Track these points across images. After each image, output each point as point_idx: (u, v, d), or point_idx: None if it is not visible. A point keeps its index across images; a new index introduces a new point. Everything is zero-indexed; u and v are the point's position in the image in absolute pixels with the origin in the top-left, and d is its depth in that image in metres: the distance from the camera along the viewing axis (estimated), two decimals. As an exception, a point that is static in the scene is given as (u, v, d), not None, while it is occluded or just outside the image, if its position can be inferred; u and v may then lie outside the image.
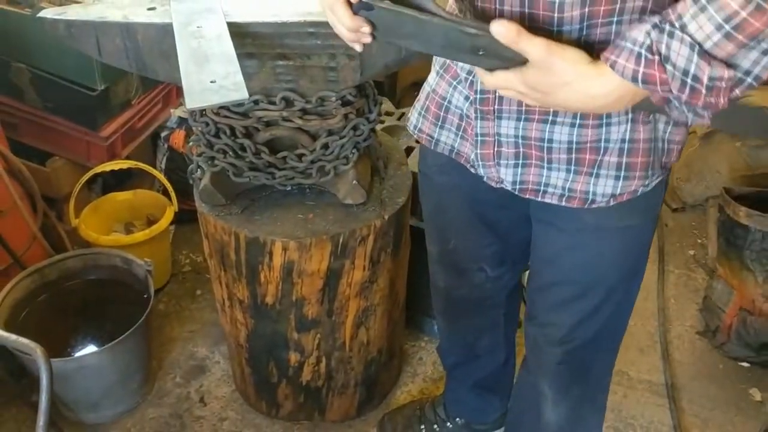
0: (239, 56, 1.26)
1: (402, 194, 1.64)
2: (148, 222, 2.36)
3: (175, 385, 2.05)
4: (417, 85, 2.45)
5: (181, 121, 2.43)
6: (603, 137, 1.08)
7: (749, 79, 0.83)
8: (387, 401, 2.01)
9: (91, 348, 1.96)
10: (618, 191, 1.11)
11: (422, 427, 1.87)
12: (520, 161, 1.16)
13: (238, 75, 1.18)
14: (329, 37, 1.41)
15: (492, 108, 1.13)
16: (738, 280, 2.08)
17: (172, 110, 2.43)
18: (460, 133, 1.24)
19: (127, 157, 2.30)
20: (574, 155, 1.11)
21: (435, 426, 1.86)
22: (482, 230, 1.41)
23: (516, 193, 1.20)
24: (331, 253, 1.54)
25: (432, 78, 1.29)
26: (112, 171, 2.26)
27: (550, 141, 1.11)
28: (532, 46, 0.87)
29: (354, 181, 1.56)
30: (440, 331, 1.79)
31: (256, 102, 1.46)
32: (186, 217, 2.39)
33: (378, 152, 1.70)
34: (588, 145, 1.09)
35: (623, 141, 1.08)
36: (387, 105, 2.37)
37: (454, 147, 1.26)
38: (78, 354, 1.91)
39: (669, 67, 0.82)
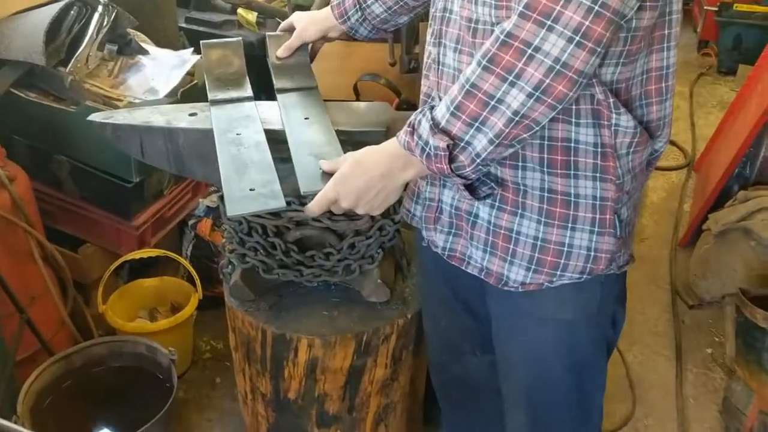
0: (274, 160, 1.34)
1: (424, 292, 1.68)
2: (172, 308, 2.40)
3: (193, 475, 2.05)
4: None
5: (209, 209, 2.51)
6: (515, 228, 1.19)
7: (470, 150, 1.04)
8: (404, 499, 1.98)
9: (112, 436, 1.97)
10: (527, 281, 1.22)
11: None
12: (453, 230, 1.29)
13: (275, 183, 1.26)
14: (360, 145, 1.50)
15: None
16: (757, 382, 2.08)
17: (200, 199, 2.52)
18: (414, 197, 1.36)
19: (155, 245, 2.37)
20: (491, 238, 1.22)
21: None
22: (463, 313, 1.48)
23: (445, 258, 1.32)
24: (355, 351, 1.58)
25: None
26: (140, 258, 2.32)
27: (476, 216, 1.23)
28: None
29: (378, 280, 1.61)
30: (443, 418, 1.81)
31: (288, 203, 1.53)
32: (208, 303, 2.43)
33: (401, 251, 1.75)
34: (502, 231, 1.20)
35: (535, 238, 1.19)
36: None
37: (415, 215, 1.37)
38: (99, 443, 1.92)
39: (416, 137, 1.07)
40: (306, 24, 1.62)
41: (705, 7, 4.74)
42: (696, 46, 4.97)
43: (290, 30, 1.66)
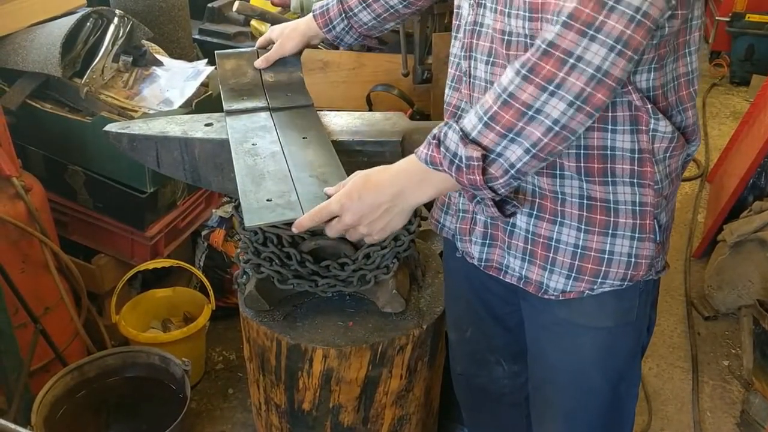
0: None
1: (439, 303, 1.67)
2: (184, 319, 2.40)
3: (205, 487, 2.04)
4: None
5: (222, 220, 2.52)
6: (555, 236, 1.19)
7: (503, 162, 1.02)
8: None
9: (124, 447, 1.97)
10: (568, 289, 1.21)
11: None
12: (488, 241, 1.28)
13: (292, 194, 1.25)
14: (375, 155, 1.50)
15: None
16: (776, 395, 2.06)
17: (213, 210, 2.52)
18: (444, 208, 1.36)
19: (168, 255, 2.38)
20: (529, 246, 1.22)
21: None
22: (491, 323, 1.47)
23: (482, 269, 1.31)
24: (370, 362, 1.57)
25: None
26: (153, 268, 2.32)
27: (514, 225, 1.23)
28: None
29: (393, 291, 1.60)
30: (467, 427, 1.80)
31: (303, 213, 1.53)
32: (220, 314, 2.44)
33: (417, 261, 1.75)
34: (541, 240, 1.20)
35: (575, 246, 1.18)
36: (422, 209, 2.43)
37: (445, 225, 1.38)
38: (112, 453, 1.92)
39: (443, 150, 1.05)
40: (285, 37, 1.60)
41: (717, 18, 4.74)
42: (708, 57, 4.95)
43: (268, 46, 1.64)
